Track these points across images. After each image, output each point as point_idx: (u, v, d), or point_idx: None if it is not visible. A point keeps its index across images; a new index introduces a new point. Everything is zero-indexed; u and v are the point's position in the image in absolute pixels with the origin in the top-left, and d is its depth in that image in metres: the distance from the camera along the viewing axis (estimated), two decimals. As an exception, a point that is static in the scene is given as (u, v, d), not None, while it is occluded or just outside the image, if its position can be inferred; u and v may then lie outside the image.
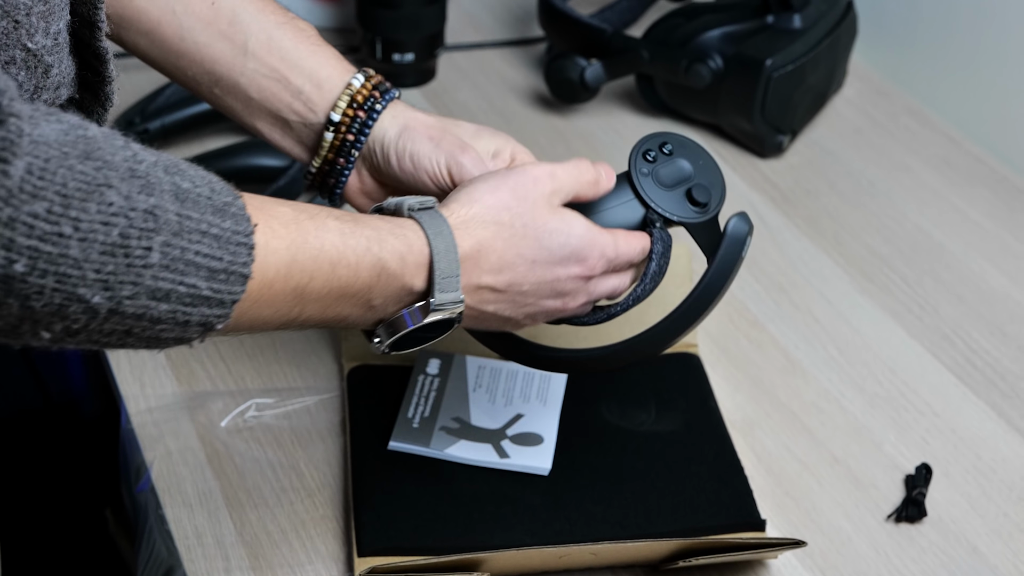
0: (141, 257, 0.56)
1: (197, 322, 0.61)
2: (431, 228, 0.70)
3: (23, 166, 0.52)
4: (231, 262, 0.61)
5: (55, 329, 0.56)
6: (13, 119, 0.52)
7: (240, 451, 0.89)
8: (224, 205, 0.61)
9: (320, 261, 0.66)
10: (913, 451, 0.92)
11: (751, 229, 0.79)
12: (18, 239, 0.52)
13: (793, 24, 1.19)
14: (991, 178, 1.20)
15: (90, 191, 0.54)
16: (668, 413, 0.92)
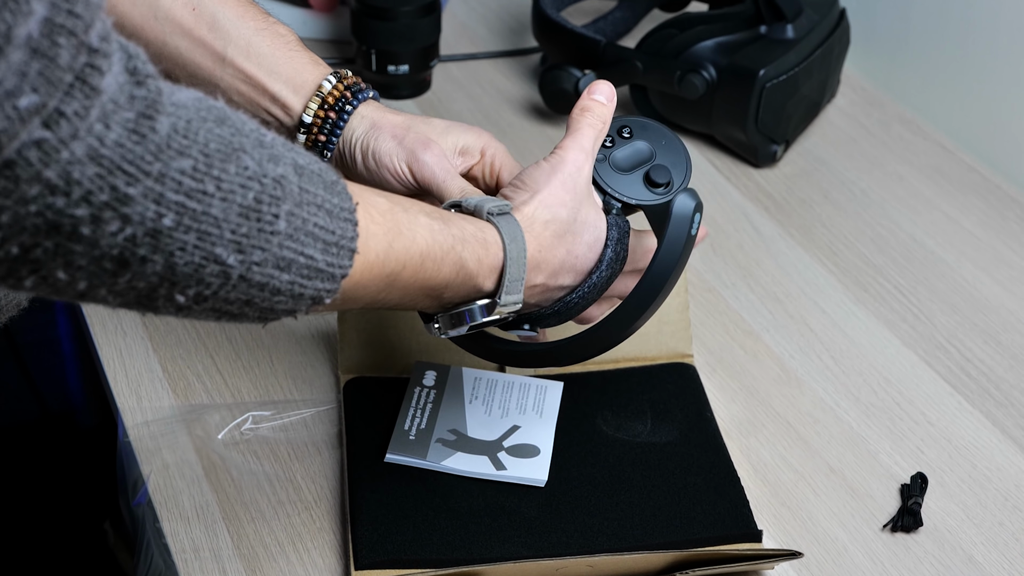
0: (270, 223, 0.59)
1: (310, 295, 0.64)
2: (507, 234, 0.74)
3: (169, 124, 0.54)
4: (341, 236, 0.63)
5: (189, 294, 0.58)
6: (152, 80, 0.54)
7: (237, 464, 0.90)
8: (332, 183, 0.64)
9: (412, 252, 0.69)
10: (908, 460, 0.92)
11: (699, 205, 0.78)
12: (168, 194, 0.54)
13: (786, 34, 1.19)
14: (983, 187, 1.21)
15: (228, 153, 0.57)
16: (664, 424, 0.92)
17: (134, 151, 0.53)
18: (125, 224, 0.54)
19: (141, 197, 0.54)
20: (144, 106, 0.54)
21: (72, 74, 0.50)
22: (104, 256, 0.55)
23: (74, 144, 0.51)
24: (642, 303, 0.77)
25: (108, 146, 0.52)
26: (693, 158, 1.22)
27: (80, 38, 0.50)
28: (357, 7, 1.26)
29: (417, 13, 1.25)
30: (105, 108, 0.52)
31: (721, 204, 1.18)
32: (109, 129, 0.52)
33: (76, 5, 0.50)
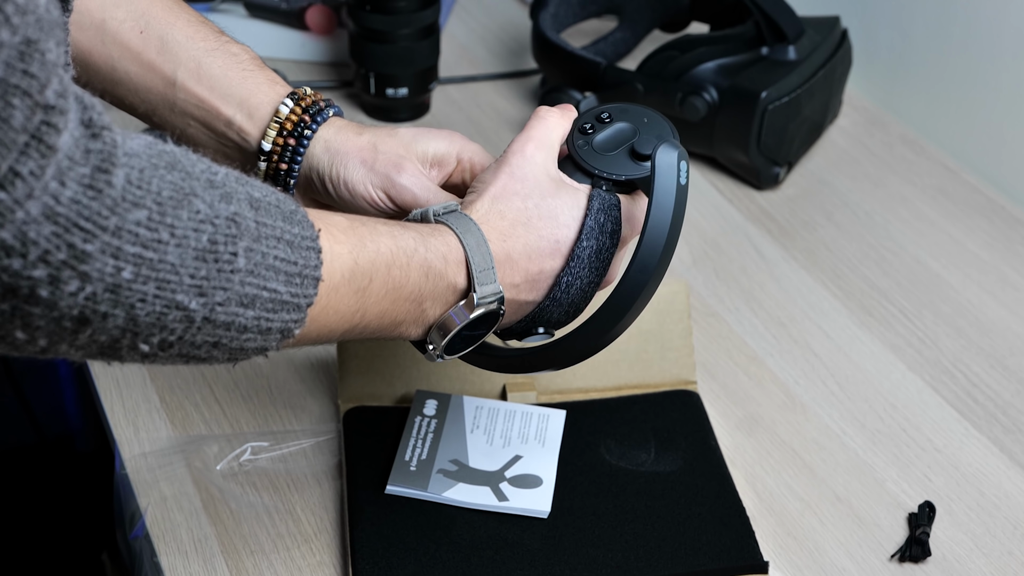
0: (229, 262, 0.58)
1: (278, 329, 0.63)
2: (459, 227, 0.73)
3: (123, 176, 0.54)
4: (304, 265, 0.63)
5: (152, 342, 0.58)
6: (107, 132, 0.54)
7: (236, 496, 0.88)
8: (291, 213, 0.63)
9: (377, 263, 0.68)
10: (916, 488, 0.91)
11: (682, 153, 0.74)
12: (125, 247, 0.54)
13: (788, 56, 1.19)
14: (988, 208, 1.20)
15: (180, 199, 0.56)
16: (668, 453, 0.91)
17: (90, 207, 0.52)
18: (84, 282, 0.53)
19: (99, 253, 0.53)
20: (99, 160, 0.53)
21: (27, 134, 0.50)
22: (64, 316, 0.54)
23: (29, 204, 0.50)
24: (645, 265, 0.73)
25: (64, 204, 0.51)
26: (695, 181, 1.22)
27: (35, 98, 0.50)
28: (356, 30, 1.25)
29: (416, 36, 1.25)
30: (61, 165, 0.51)
31: (724, 227, 1.17)
32: (65, 186, 0.51)
33: (32, 65, 0.50)
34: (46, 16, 0.51)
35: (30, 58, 0.50)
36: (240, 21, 1.37)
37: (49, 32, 0.51)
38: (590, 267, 0.76)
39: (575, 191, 0.76)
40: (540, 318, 0.77)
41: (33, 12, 0.50)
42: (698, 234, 1.15)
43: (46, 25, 0.51)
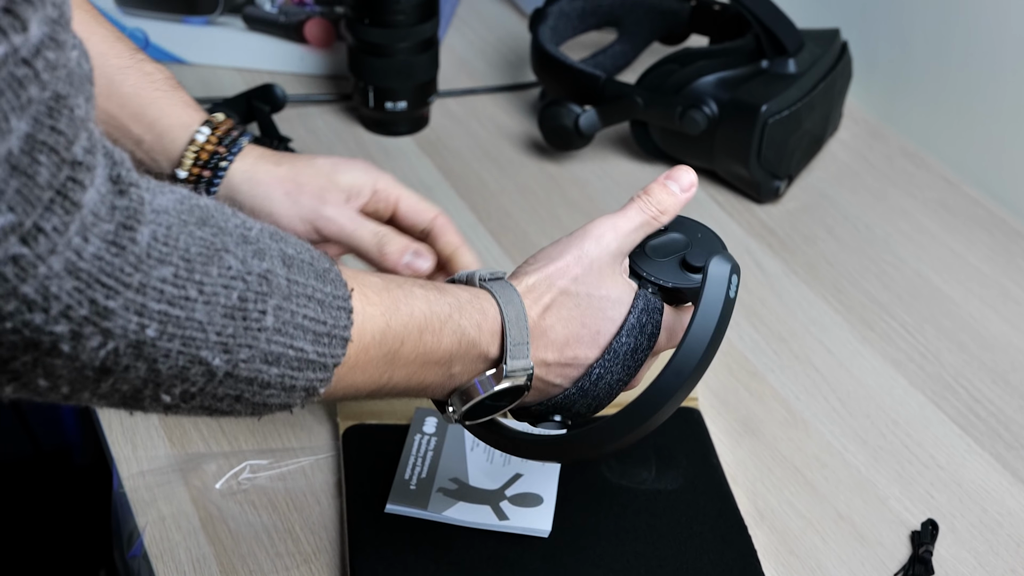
0: (257, 320, 0.58)
1: (302, 387, 0.62)
2: (502, 297, 0.72)
3: (148, 233, 0.53)
4: (333, 326, 0.62)
5: (175, 393, 0.57)
6: (134, 188, 0.53)
7: (234, 515, 0.88)
8: (324, 271, 0.63)
9: (410, 327, 0.67)
10: (918, 505, 0.90)
11: (735, 267, 0.73)
12: (150, 304, 0.53)
13: (788, 69, 1.18)
14: (988, 221, 1.19)
15: (210, 255, 0.56)
16: (669, 471, 0.90)
17: (113, 263, 0.52)
18: (107, 338, 0.53)
19: (122, 310, 0.52)
20: (125, 216, 0.52)
21: (52, 191, 0.49)
22: (85, 367, 0.53)
23: (52, 259, 0.50)
24: (680, 370, 0.71)
25: (86, 259, 0.51)
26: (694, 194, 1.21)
27: (62, 155, 0.49)
28: (354, 43, 1.24)
29: (415, 49, 1.24)
30: (85, 221, 0.50)
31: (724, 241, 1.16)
32: (88, 242, 0.51)
33: (60, 121, 0.49)
34: (77, 71, 0.51)
35: (59, 114, 0.49)
36: (238, 34, 1.37)
37: (79, 87, 0.51)
38: (623, 364, 0.75)
39: (627, 286, 0.75)
40: (561, 406, 0.76)
41: (64, 67, 0.50)
42: (698, 248, 1.15)
43: (76, 80, 0.51)
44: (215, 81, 1.36)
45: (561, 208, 1.20)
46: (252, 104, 1.23)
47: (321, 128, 1.30)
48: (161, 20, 1.37)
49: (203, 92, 1.34)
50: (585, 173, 1.25)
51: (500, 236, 1.16)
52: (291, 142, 1.21)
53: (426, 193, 1.21)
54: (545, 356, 0.74)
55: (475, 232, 1.16)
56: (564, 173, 1.25)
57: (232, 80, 1.37)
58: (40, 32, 0.48)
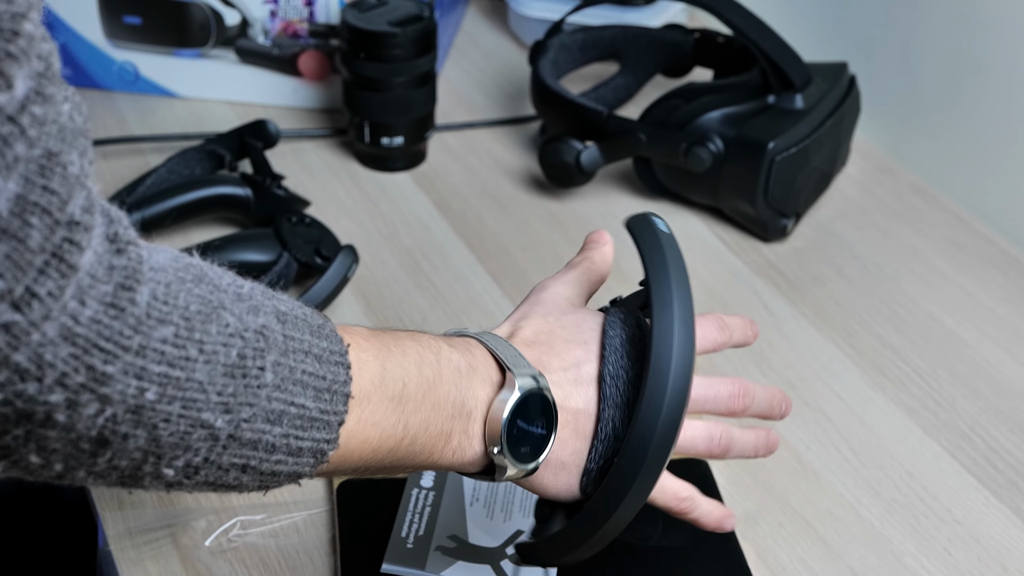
0: (256, 377, 0.56)
1: (309, 449, 0.60)
2: (479, 336, 0.72)
3: (148, 292, 0.51)
4: (333, 380, 0.61)
5: (177, 465, 0.55)
6: (132, 247, 0.51)
7: (224, 574, 0.84)
8: (319, 327, 0.62)
9: (406, 365, 0.66)
10: (935, 563, 0.87)
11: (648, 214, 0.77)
12: (150, 366, 0.51)
13: (795, 104, 1.15)
14: (1002, 260, 1.16)
15: (209, 313, 0.54)
16: (676, 526, 0.86)
17: (112, 326, 0.49)
18: (105, 405, 0.50)
19: (121, 374, 0.50)
20: (123, 277, 0.50)
21: (47, 253, 0.47)
22: (81, 438, 0.51)
23: (46, 325, 0.47)
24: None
25: (83, 324, 0.48)
26: (700, 232, 1.18)
27: (56, 215, 0.47)
28: (349, 78, 1.21)
29: (412, 84, 1.21)
30: (82, 284, 0.48)
31: (730, 281, 1.13)
32: (84, 306, 0.48)
33: (53, 180, 0.47)
34: (69, 125, 0.48)
35: (51, 172, 0.47)
36: (231, 67, 1.33)
37: (72, 142, 0.48)
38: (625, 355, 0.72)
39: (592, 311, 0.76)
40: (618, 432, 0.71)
41: (55, 121, 0.47)
42: (703, 289, 1.12)
43: (68, 135, 0.48)
44: (207, 115, 1.33)
45: (563, 247, 1.17)
46: (244, 140, 1.19)
47: (315, 164, 1.27)
48: (152, 53, 1.34)
49: (195, 127, 1.31)
50: (587, 210, 1.22)
51: (500, 277, 1.12)
52: (284, 179, 1.18)
53: (423, 231, 1.18)
54: (549, 364, 0.71)
55: (474, 272, 1.13)
56: (565, 211, 1.22)
57: (224, 114, 1.33)
58: (26, 87, 0.46)
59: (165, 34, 1.32)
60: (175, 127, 1.31)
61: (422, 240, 1.17)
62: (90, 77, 1.35)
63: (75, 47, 1.33)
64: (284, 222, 1.08)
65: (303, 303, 0.64)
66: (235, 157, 1.20)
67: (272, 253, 1.06)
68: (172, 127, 1.31)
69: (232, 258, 1.06)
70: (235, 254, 1.06)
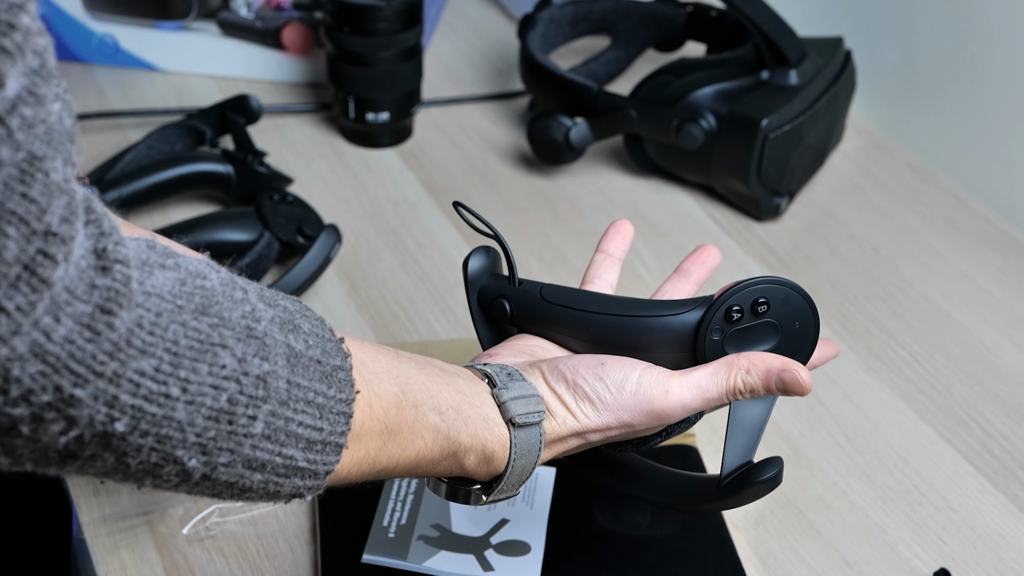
0: (244, 426, 0.53)
1: (287, 492, 0.58)
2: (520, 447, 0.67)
3: (131, 318, 0.48)
4: (330, 432, 0.57)
5: (144, 485, 0.53)
6: (120, 266, 0.48)
7: (202, 564, 0.82)
8: (333, 370, 0.58)
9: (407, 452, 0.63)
10: (930, 551, 0.85)
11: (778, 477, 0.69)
12: (122, 396, 0.48)
13: (789, 80, 1.12)
14: (1000, 241, 1.14)
15: (203, 351, 0.51)
16: (665, 516, 0.85)
17: (85, 349, 0.46)
18: (71, 425, 0.47)
19: (91, 399, 0.47)
20: (104, 298, 0.47)
21: (19, 266, 0.44)
22: (48, 449, 0.48)
23: (15, 340, 0.44)
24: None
25: (56, 342, 0.45)
26: (691, 211, 1.16)
27: (32, 225, 0.44)
28: (333, 52, 1.18)
29: (398, 58, 1.18)
30: (57, 300, 0.45)
31: (722, 262, 1.10)
32: (59, 323, 0.45)
33: (32, 187, 0.44)
34: (57, 127, 0.45)
35: (32, 179, 0.44)
36: (213, 40, 1.30)
37: (58, 147, 0.45)
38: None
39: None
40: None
41: (43, 122, 0.44)
42: (695, 269, 1.09)
43: (56, 138, 0.45)
44: (188, 89, 1.30)
45: (551, 226, 1.14)
46: (226, 116, 1.17)
47: (299, 140, 1.25)
48: (132, 25, 1.30)
49: (176, 101, 1.28)
50: (576, 188, 1.19)
51: (487, 256, 1.10)
52: (267, 156, 1.15)
53: (409, 210, 1.15)
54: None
55: (460, 252, 1.10)
56: (554, 188, 1.19)
57: (206, 88, 1.31)
58: (18, 86, 0.43)
59: (146, 6, 1.29)
60: (156, 102, 1.28)
61: (408, 218, 1.15)
62: (69, 50, 1.32)
63: (53, 19, 1.30)
64: (266, 200, 1.05)
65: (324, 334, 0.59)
66: (216, 133, 1.17)
67: (253, 232, 1.04)
68: (153, 101, 1.28)
69: (212, 238, 1.03)
70: (215, 233, 1.03)
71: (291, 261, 1.04)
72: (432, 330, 1.01)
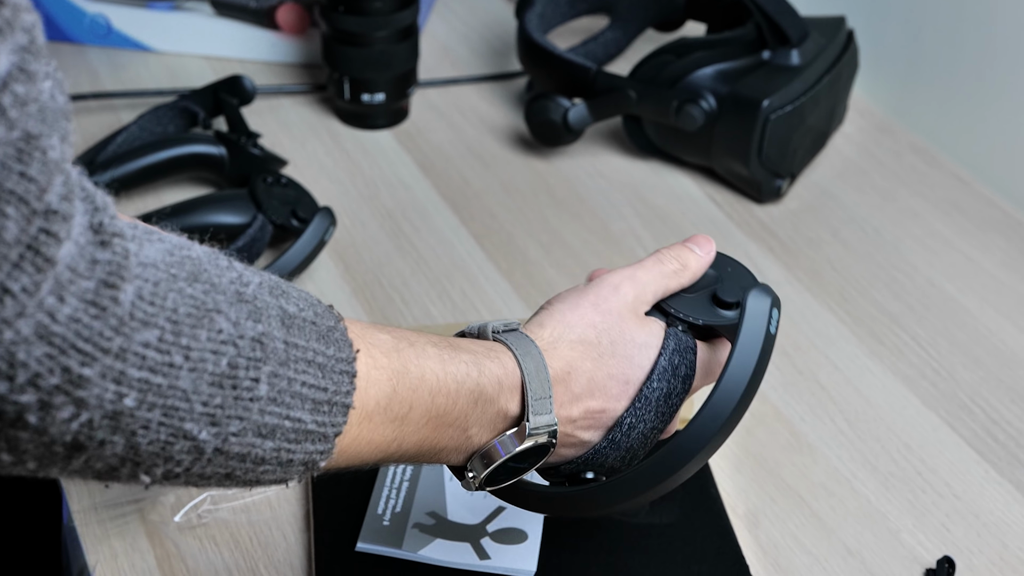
0: (249, 389, 0.52)
1: (300, 460, 0.56)
2: (519, 349, 0.66)
3: (133, 290, 0.47)
4: (335, 392, 0.57)
5: (156, 473, 0.52)
6: (118, 239, 0.47)
7: (193, 552, 0.81)
8: (328, 330, 0.58)
9: (420, 391, 0.62)
10: (933, 539, 0.84)
11: (776, 300, 0.69)
12: (129, 371, 0.47)
13: (791, 60, 1.11)
14: (1004, 223, 1.12)
15: (200, 316, 0.50)
16: (664, 503, 0.83)
17: (92, 326, 0.45)
18: (80, 409, 0.46)
19: (99, 378, 0.46)
20: (106, 273, 0.46)
21: (21, 246, 0.43)
22: (55, 442, 0.47)
23: (20, 322, 0.43)
24: (717, 414, 0.66)
25: (61, 322, 0.44)
26: (691, 193, 1.14)
27: (33, 204, 0.43)
28: (328, 32, 1.17)
29: (393, 38, 1.16)
30: (60, 279, 0.44)
31: (722, 244, 1.08)
32: (63, 303, 0.44)
33: (31, 166, 0.43)
34: (50, 104, 0.44)
35: (29, 157, 0.43)
36: (206, 20, 1.29)
37: (53, 124, 0.44)
38: (657, 411, 0.69)
39: (654, 327, 0.70)
40: (593, 461, 0.70)
41: (36, 100, 0.43)
42: (695, 252, 1.08)
43: (50, 116, 0.44)
44: (182, 70, 1.29)
45: (549, 208, 1.13)
46: (219, 97, 1.15)
47: (294, 121, 1.23)
48: (124, 5, 1.29)
49: (169, 82, 1.26)
50: (575, 170, 1.17)
51: (484, 239, 1.08)
52: (260, 137, 1.13)
53: (404, 192, 1.14)
54: (570, 411, 0.68)
55: (457, 235, 1.09)
56: (552, 170, 1.18)
57: (200, 69, 1.29)
58: (8, 63, 0.42)
59: (138, -15, 1.28)
60: (148, 82, 1.27)
61: (403, 201, 1.13)
62: (60, 30, 1.30)
63: (44, -1, 1.29)
64: (260, 182, 1.04)
65: (313, 300, 0.59)
66: (209, 114, 1.15)
67: (247, 215, 1.02)
68: (145, 82, 1.27)
69: (205, 220, 1.01)
70: (208, 216, 1.02)
71: (285, 244, 1.03)
72: (428, 314, 1.00)
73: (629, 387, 0.69)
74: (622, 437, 0.69)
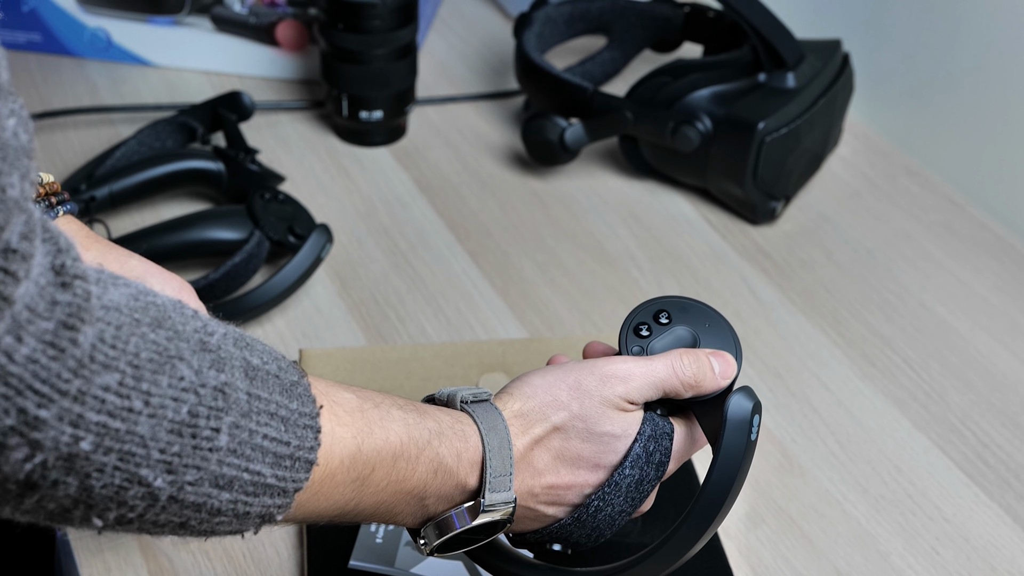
0: (209, 439, 0.52)
1: (257, 513, 0.56)
2: (485, 423, 0.66)
3: (94, 333, 0.47)
4: (298, 447, 0.56)
5: (108, 517, 0.51)
6: (80, 282, 0.47)
7: (186, 567, 0.81)
8: (292, 385, 0.57)
9: (383, 453, 0.62)
10: (923, 562, 0.84)
11: (757, 405, 0.69)
12: (87, 414, 0.47)
13: (787, 83, 1.11)
14: (996, 247, 1.13)
15: (162, 363, 0.50)
16: (656, 522, 0.84)
17: (50, 368, 0.45)
18: (35, 450, 0.46)
19: (55, 420, 0.46)
20: (66, 314, 0.46)
21: None
22: (8, 480, 0.47)
23: None
24: (698, 524, 0.67)
25: (18, 363, 0.44)
26: (686, 214, 1.15)
27: None
28: (327, 49, 1.17)
29: (392, 56, 1.17)
30: (18, 319, 0.44)
31: (717, 266, 1.10)
32: (21, 343, 0.44)
33: None
34: (12, 142, 0.44)
35: None
36: (206, 35, 1.29)
37: (14, 163, 0.44)
38: (627, 496, 0.69)
39: (630, 418, 0.69)
40: (558, 535, 0.70)
41: None
42: (689, 273, 1.08)
43: (11, 154, 0.44)
44: (181, 84, 1.29)
45: (545, 228, 1.13)
46: (218, 112, 1.16)
47: (292, 137, 1.23)
48: (125, 20, 1.29)
49: (168, 97, 1.27)
50: (571, 190, 1.18)
51: (479, 258, 1.09)
52: (259, 153, 1.14)
53: (402, 210, 1.14)
54: (532, 486, 0.68)
55: (453, 253, 1.09)
56: (548, 189, 1.18)
57: (199, 84, 1.29)
58: None
59: (139, 0, 1.28)
60: (148, 97, 1.27)
61: (400, 219, 1.14)
62: (60, 43, 1.31)
63: (45, 12, 1.29)
64: (257, 198, 1.04)
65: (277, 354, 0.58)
66: (208, 130, 1.16)
67: (244, 231, 1.02)
68: (144, 97, 1.27)
69: (202, 236, 1.02)
70: (205, 232, 1.02)
71: (282, 260, 1.03)
72: (424, 332, 1.00)
73: (599, 471, 0.69)
74: (588, 518, 0.69)
